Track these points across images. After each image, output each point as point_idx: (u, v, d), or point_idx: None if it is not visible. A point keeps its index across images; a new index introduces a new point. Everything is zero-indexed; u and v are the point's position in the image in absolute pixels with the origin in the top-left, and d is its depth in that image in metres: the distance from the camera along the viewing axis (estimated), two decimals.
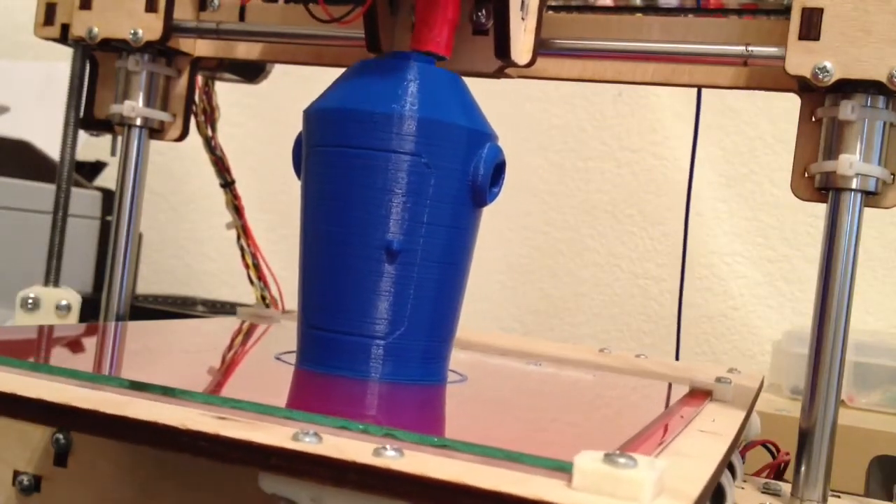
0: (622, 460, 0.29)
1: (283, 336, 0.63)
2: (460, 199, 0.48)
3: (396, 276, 0.47)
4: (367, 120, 0.46)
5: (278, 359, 0.52)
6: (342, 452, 0.31)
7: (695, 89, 0.63)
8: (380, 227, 0.47)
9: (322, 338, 0.48)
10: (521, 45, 0.54)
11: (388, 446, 0.31)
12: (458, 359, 0.53)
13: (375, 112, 0.46)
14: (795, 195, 0.53)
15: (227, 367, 0.53)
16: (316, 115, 0.49)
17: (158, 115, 0.66)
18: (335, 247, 0.48)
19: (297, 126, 0.51)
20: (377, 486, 0.30)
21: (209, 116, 0.74)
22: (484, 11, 0.54)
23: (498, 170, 0.49)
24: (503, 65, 0.55)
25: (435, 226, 0.47)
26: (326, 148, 0.48)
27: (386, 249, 0.47)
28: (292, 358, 0.51)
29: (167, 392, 0.37)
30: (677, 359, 0.80)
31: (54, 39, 0.68)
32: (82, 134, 0.71)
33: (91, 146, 0.92)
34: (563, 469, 0.30)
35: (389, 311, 0.47)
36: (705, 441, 0.42)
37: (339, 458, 0.31)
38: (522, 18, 0.54)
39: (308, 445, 0.32)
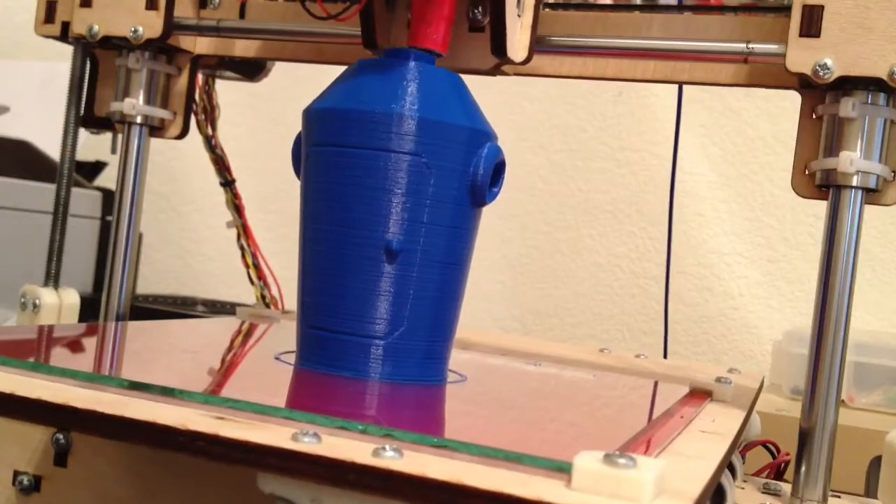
0: (622, 461, 0.29)
1: (283, 336, 0.63)
2: (460, 198, 0.48)
3: (396, 276, 0.47)
4: (367, 119, 0.46)
5: (278, 359, 0.52)
6: (341, 452, 0.31)
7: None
8: (379, 226, 0.46)
9: (322, 337, 0.48)
10: (518, 42, 0.55)
11: (387, 446, 0.31)
12: (457, 359, 0.53)
13: (375, 112, 0.46)
14: (796, 192, 0.53)
15: (226, 368, 0.52)
16: (315, 115, 0.49)
17: (159, 112, 0.66)
18: (335, 247, 0.47)
19: (297, 125, 0.51)
20: (376, 487, 0.30)
21: (209, 115, 0.74)
22: (480, 8, 0.54)
23: (498, 169, 0.49)
24: (499, 62, 0.55)
25: (435, 226, 0.47)
26: (326, 147, 0.48)
27: (385, 249, 0.46)
28: (292, 358, 0.50)
29: (166, 392, 0.37)
30: (665, 356, 0.80)
31: (55, 37, 0.68)
32: (82, 133, 0.71)
33: (91, 146, 0.92)
34: (562, 469, 0.30)
35: (389, 311, 0.47)
36: (705, 441, 0.42)
37: (338, 458, 0.30)
38: (518, 15, 0.54)
39: (307, 445, 0.31)
